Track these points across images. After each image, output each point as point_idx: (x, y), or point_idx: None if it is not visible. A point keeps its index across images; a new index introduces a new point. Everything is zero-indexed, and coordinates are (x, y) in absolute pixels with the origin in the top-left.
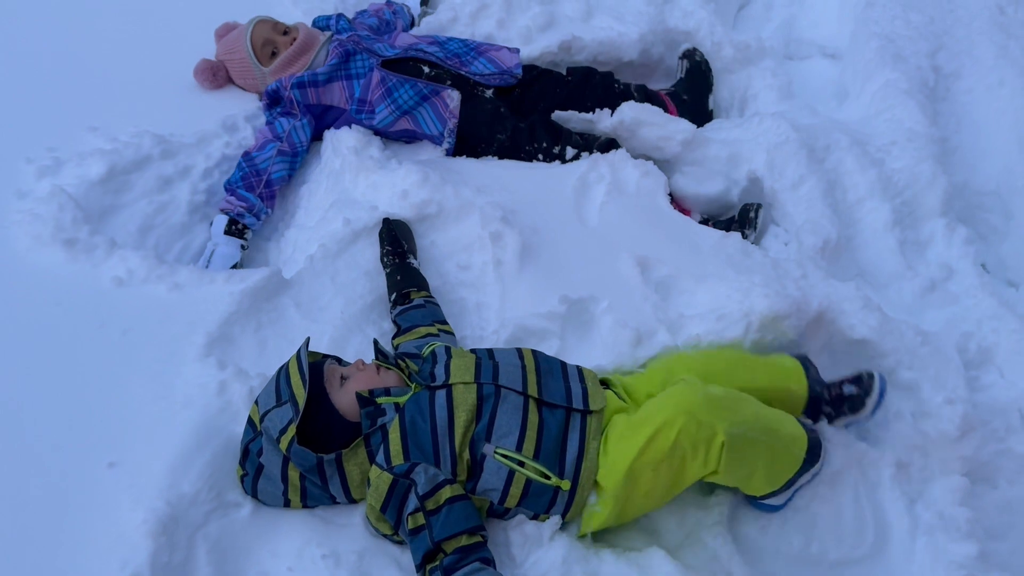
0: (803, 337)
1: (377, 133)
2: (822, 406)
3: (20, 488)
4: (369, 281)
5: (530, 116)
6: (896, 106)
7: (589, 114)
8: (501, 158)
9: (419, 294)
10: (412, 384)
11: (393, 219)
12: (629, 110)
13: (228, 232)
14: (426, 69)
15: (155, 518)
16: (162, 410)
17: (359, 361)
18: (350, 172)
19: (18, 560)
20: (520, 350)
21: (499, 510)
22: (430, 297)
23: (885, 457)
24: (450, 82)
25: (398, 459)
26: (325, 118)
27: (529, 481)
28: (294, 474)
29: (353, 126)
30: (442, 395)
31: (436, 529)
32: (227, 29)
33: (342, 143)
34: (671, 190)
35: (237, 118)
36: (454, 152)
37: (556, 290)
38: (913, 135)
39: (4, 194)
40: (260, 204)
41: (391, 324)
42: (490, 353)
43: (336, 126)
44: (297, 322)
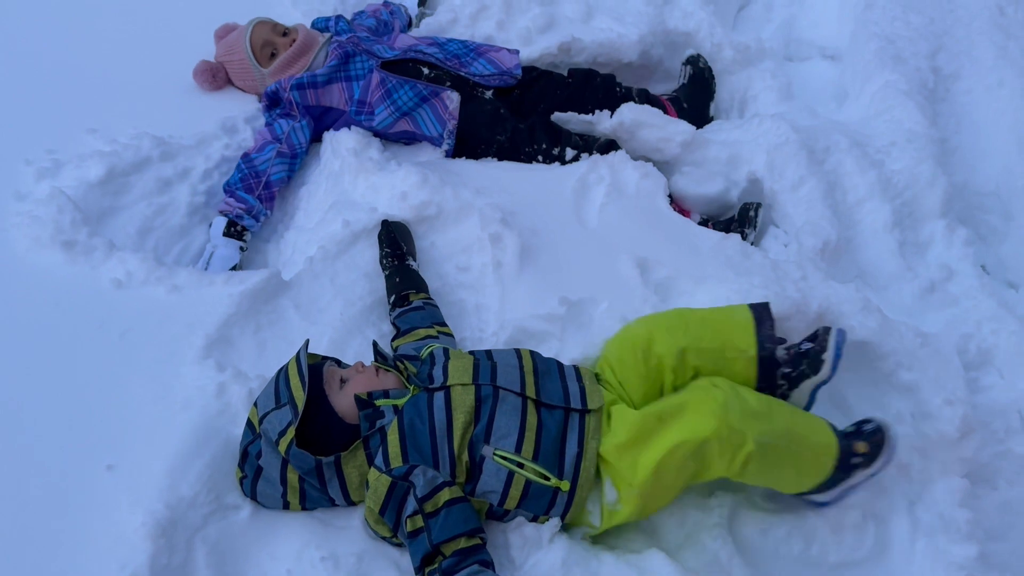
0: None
1: (376, 134)
2: (777, 368)
3: (19, 490)
4: (368, 283)
5: (530, 117)
6: (896, 107)
7: (588, 115)
8: (500, 159)
9: (418, 296)
10: (411, 386)
11: (392, 221)
12: (628, 111)
13: (227, 234)
14: (425, 70)
15: (154, 520)
16: (161, 412)
17: (358, 363)
18: (349, 173)
19: (17, 562)
20: (518, 351)
21: (498, 512)
22: (429, 299)
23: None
24: (449, 83)
25: (396, 461)
26: (324, 119)
27: (529, 482)
28: (293, 476)
29: (352, 127)
30: (440, 397)
31: (435, 531)
32: (226, 30)
33: (341, 144)
34: (671, 191)
35: (236, 120)
36: (453, 153)
37: (555, 291)
38: (913, 136)
39: (3, 196)
40: (259, 206)
41: (390, 326)
42: (488, 354)
43: (335, 127)
44: (296, 324)
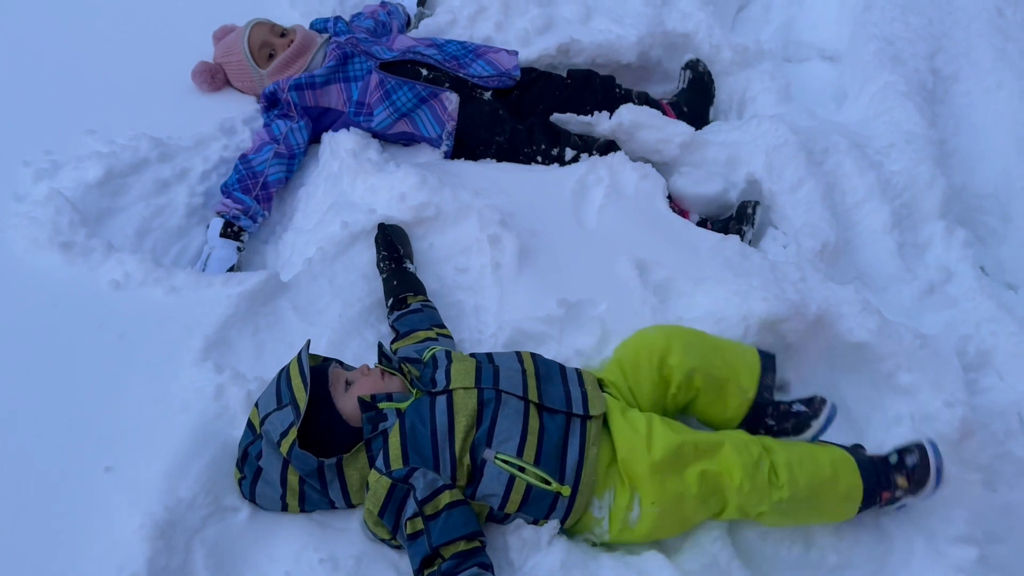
0: (801, 341)
1: (375, 136)
2: (765, 416)
3: (18, 491)
4: (367, 284)
5: (528, 119)
6: (894, 108)
7: (587, 116)
8: (499, 160)
9: (416, 298)
10: (414, 390)
11: (389, 224)
12: (627, 113)
13: (224, 235)
14: (424, 72)
15: (152, 522)
16: (159, 414)
17: (364, 366)
18: (348, 175)
19: (16, 564)
20: (519, 354)
21: (499, 515)
22: (427, 301)
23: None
24: (448, 85)
25: (397, 464)
26: (323, 120)
27: (530, 487)
28: (293, 478)
29: (351, 128)
30: (443, 400)
31: (434, 534)
32: (224, 32)
33: (340, 146)
34: (669, 191)
35: (235, 121)
36: (452, 155)
37: (554, 293)
38: (912, 137)
39: (1, 197)
40: (256, 206)
41: (389, 328)
42: (490, 357)
43: (334, 128)
44: (295, 325)
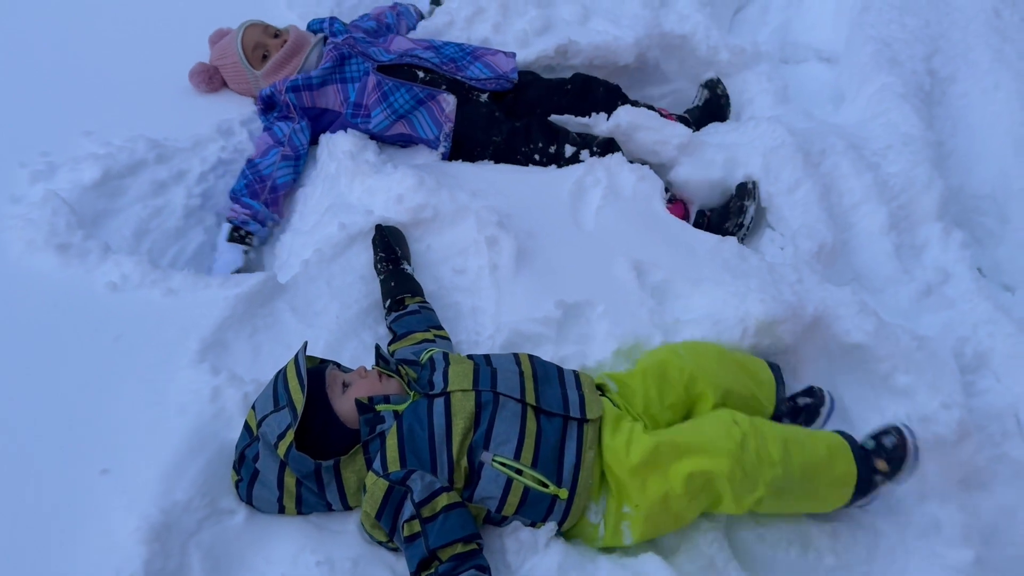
0: (799, 342)
1: (373, 137)
2: (780, 420)
3: (14, 495)
4: (365, 285)
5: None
6: (892, 110)
7: (585, 118)
8: (497, 161)
9: (413, 300)
10: (411, 392)
11: (386, 225)
12: (625, 114)
13: (231, 239)
14: (421, 74)
15: (148, 525)
16: (155, 416)
17: (361, 368)
18: (346, 176)
19: (11, 566)
20: (517, 356)
21: (496, 518)
22: (424, 303)
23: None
24: (445, 86)
25: (394, 466)
26: (321, 121)
27: (527, 489)
28: (290, 480)
29: (349, 130)
30: (440, 403)
31: (432, 537)
32: (220, 35)
33: (338, 147)
34: (670, 183)
35: (233, 122)
36: (450, 156)
37: (552, 294)
38: (909, 139)
39: None
40: (265, 210)
41: (386, 330)
42: (487, 359)
43: (332, 129)
44: (292, 327)
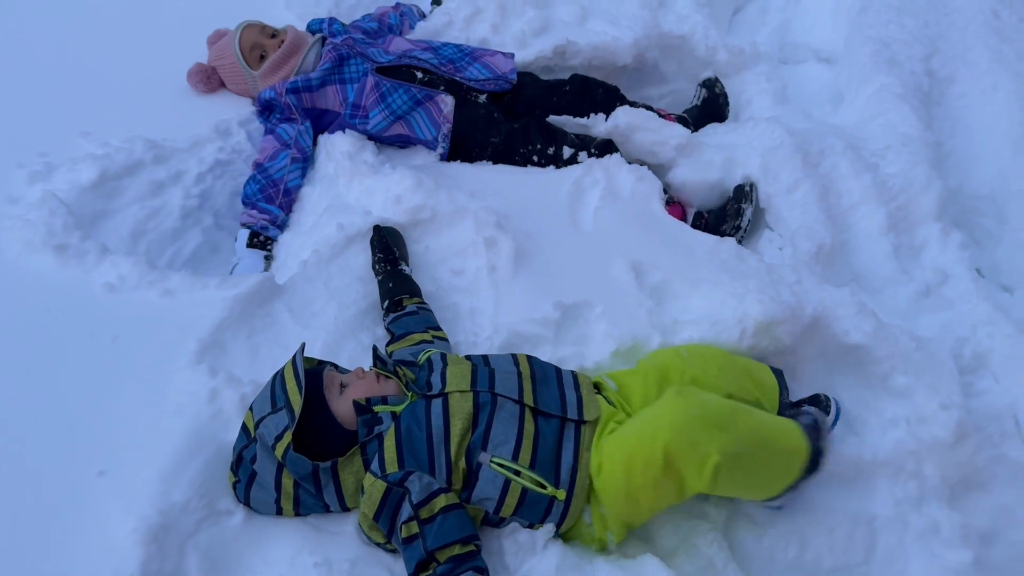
0: (797, 343)
1: (371, 138)
2: None
3: (11, 496)
4: (363, 286)
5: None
6: (890, 110)
7: (584, 119)
8: (496, 162)
9: (411, 300)
10: (409, 393)
11: (384, 226)
12: (623, 115)
13: (251, 245)
14: (419, 74)
15: (145, 526)
16: (153, 417)
17: (359, 369)
18: (344, 177)
19: (9, 568)
20: (515, 356)
21: (494, 519)
22: (423, 303)
23: (879, 463)
24: (443, 87)
25: (392, 467)
26: (321, 121)
27: (525, 490)
28: (288, 482)
29: (347, 131)
30: (438, 404)
31: (430, 538)
32: (218, 36)
33: (336, 148)
34: (668, 184)
35: (231, 123)
36: (448, 157)
37: (550, 295)
38: (907, 139)
39: None
40: (282, 215)
41: (384, 331)
42: (485, 360)
43: (331, 130)
44: (290, 328)
